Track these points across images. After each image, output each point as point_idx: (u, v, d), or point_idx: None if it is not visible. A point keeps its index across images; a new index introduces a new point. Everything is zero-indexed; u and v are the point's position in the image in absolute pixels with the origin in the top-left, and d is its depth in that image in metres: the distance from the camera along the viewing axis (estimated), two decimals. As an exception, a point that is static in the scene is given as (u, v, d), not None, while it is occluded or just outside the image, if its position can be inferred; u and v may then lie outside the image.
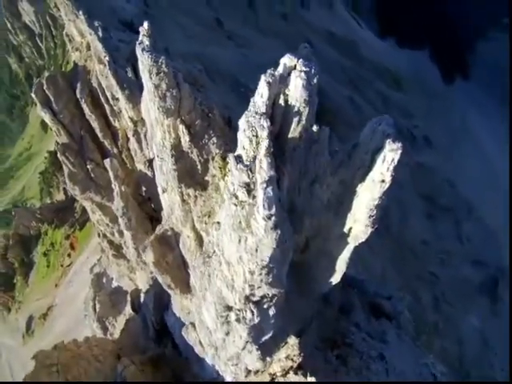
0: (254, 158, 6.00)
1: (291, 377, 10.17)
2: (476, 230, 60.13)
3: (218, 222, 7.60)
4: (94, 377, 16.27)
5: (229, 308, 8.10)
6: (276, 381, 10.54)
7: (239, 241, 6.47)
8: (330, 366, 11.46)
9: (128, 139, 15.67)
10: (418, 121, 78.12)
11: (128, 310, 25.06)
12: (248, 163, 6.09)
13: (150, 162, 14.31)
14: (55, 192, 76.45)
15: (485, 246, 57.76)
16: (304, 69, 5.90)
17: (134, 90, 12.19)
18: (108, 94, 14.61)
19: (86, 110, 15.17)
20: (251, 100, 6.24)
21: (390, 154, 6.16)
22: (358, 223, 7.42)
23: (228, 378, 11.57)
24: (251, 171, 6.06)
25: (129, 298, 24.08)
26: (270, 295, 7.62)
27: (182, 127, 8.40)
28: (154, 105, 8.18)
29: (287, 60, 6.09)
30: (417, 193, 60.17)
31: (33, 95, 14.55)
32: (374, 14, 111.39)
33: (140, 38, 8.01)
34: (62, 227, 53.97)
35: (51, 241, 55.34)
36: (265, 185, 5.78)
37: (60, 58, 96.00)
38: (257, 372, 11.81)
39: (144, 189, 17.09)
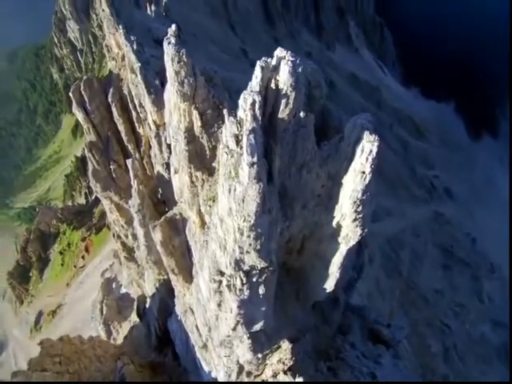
0: None
1: (280, 377, 10.40)
2: (499, 289, 56.13)
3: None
4: (94, 375, 16.60)
5: (221, 273, 8.84)
6: (265, 381, 10.76)
7: (229, 190, 7.36)
8: (320, 375, 11.58)
9: (150, 147, 16.86)
10: (438, 172, 76.08)
11: (133, 317, 25.45)
12: (238, 119, 7.25)
13: (168, 165, 15.30)
14: (77, 195, 79.83)
15: (508, 307, 53.92)
16: (291, 58, 7.01)
17: (159, 95, 13.39)
18: (136, 102, 16.03)
19: (115, 114, 16.62)
20: (248, 83, 7.32)
21: (368, 145, 7.01)
22: (346, 218, 8.03)
23: (221, 374, 11.86)
24: (240, 125, 7.18)
25: (135, 305, 24.47)
26: (259, 268, 8.24)
27: (195, 113, 9.57)
28: (173, 89, 9.38)
29: (279, 52, 7.22)
30: (433, 242, 57.71)
31: (70, 95, 16.15)
32: (399, 62, 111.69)
33: (168, 35, 9.33)
34: (80, 229, 55.92)
35: (68, 241, 57.26)
36: (248, 132, 6.72)
37: (96, 72, 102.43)
38: (249, 374, 12.04)
39: (160, 192, 18.07)
